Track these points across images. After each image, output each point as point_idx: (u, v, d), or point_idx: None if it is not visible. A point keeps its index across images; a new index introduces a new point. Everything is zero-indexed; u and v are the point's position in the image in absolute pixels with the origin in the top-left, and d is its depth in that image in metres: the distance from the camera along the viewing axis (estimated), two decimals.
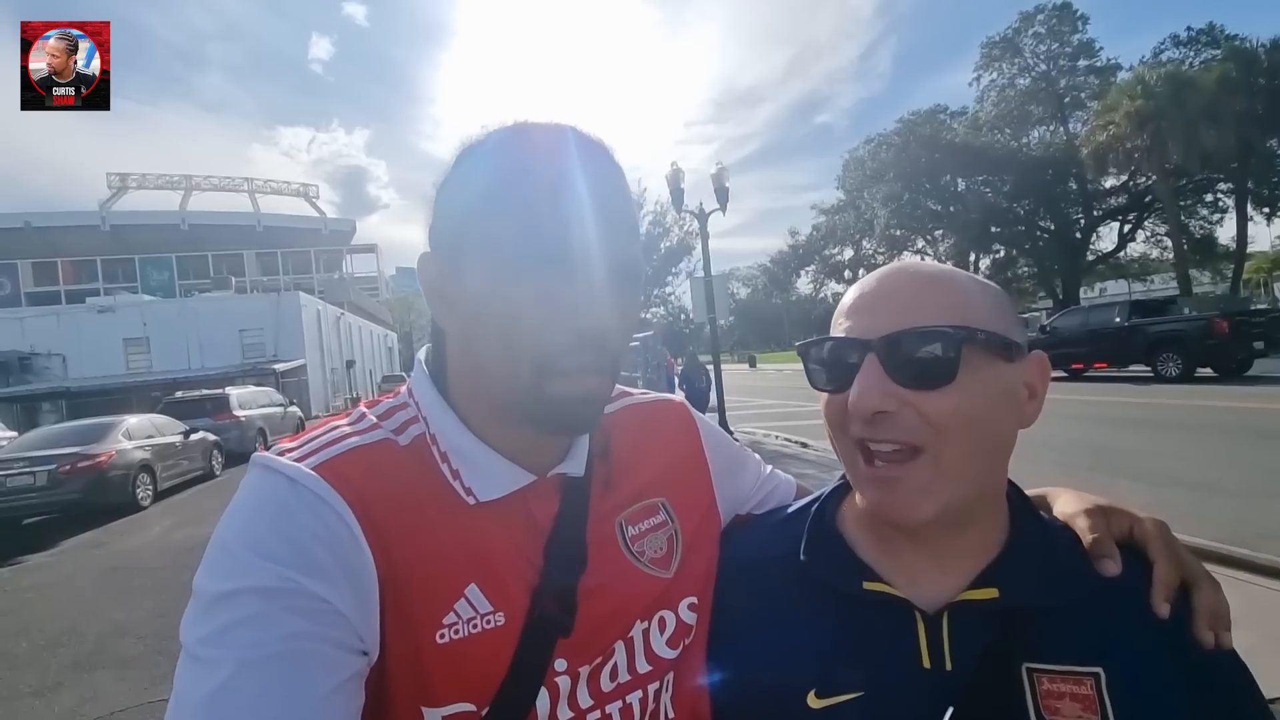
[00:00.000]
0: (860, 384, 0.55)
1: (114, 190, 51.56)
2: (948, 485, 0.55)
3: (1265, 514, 4.40)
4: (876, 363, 0.55)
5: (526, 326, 0.52)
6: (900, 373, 0.55)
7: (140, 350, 29.74)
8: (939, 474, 0.55)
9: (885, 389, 0.55)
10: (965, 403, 0.54)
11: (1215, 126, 22.14)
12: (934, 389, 0.54)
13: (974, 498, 0.58)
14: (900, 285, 0.59)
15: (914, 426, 0.54)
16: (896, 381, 0.55)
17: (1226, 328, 12.62)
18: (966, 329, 0.55)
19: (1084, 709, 0.53)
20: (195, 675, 0.45)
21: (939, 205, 35.87)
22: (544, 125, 0.56)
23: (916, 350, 0.55)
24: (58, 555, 7.32)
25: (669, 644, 0.64)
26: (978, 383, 0.55)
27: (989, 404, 0.55)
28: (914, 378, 0.54)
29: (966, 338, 0.55)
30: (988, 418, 0.55)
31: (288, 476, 0.52)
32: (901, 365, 0.55)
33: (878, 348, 0.56)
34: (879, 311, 0.58)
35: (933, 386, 0.54)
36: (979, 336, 0.55)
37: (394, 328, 59.02)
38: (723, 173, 11.28)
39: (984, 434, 0.55)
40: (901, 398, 0.55)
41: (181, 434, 11.37)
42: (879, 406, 0.54)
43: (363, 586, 0.50)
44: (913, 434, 0.54)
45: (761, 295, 80.00)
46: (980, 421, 0.55)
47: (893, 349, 0.55)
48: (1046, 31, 33.83)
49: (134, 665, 3.97)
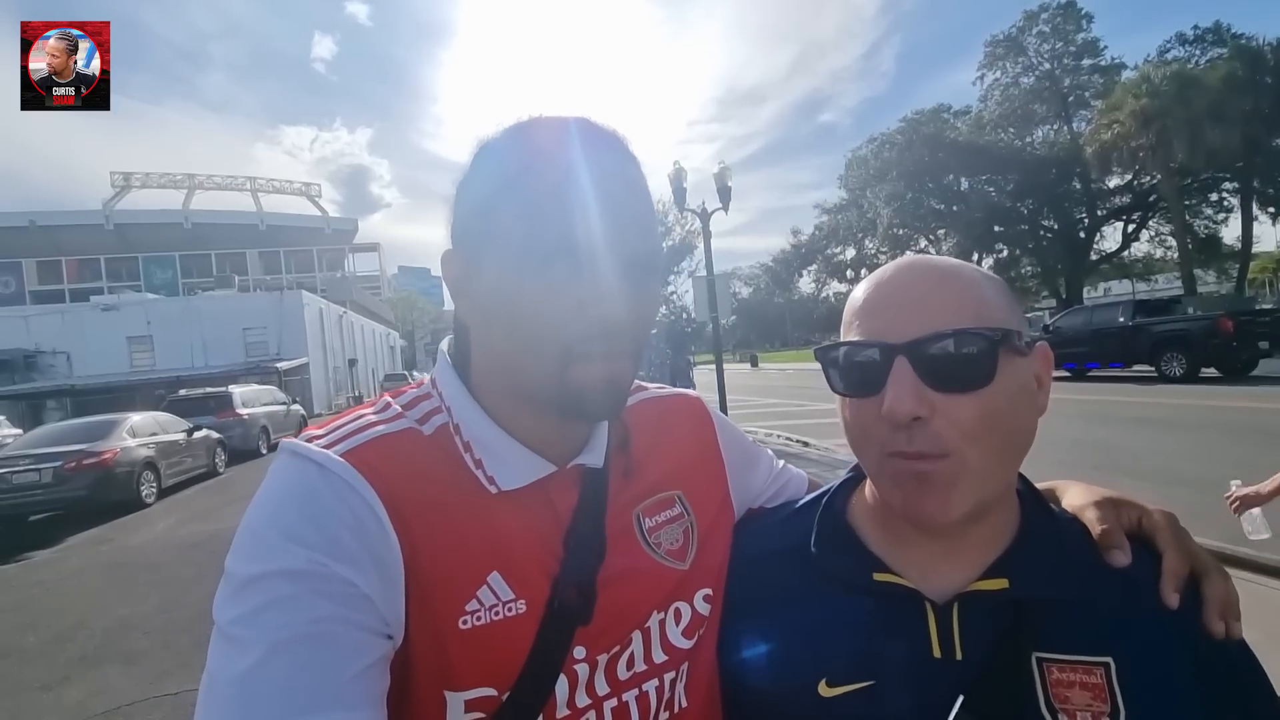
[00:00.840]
0: (894, 390, 0.54)
1: (117, 189, 51.64)
2: (976, 484, 0.55)
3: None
4: (908, 367, 0.54)
5: (550, 315, 0.53)
6: (934, 377, 0.54)
7: (144, 348, 29.79)
8: (968, 473, 0.54)
9: (920, 394, 0.53)
10: (999, 403, 0.54)
11: (1221, 125, 22.04)
12: (970, 392, 0.53)
13: (997, 493, 0.58)
14: (918, 284, 0.58)
15: (945, 430, 0.53)
16: (930, 386, 0.54)
17: (1231, 327, 12.56)
18: (1002, 330, 0.54)
19: (1094, 698, 0.53)
20: (228, 655, 0.46)
21: (942, 204, 35.79)
22: (560, 119, 0.57)
23: (952, 353, 0.54)
24: (63, 551, 7.36)
25: (684, 634, 0.65)
26: (1008, 381, 0.55)
27: (1014, 401, 0.55)
28: (949, 382, 0.54)
29: (1001, 340, 0.54)
30: (1014, 415, 0.55)
31: (317, 463, 0.53)
32: (934, 369, 0.54)
33: (907, 352, 0.54)
34: (902, 313, 0.56)
35: (969, 389, 0.53)
36: (1011, 337, 0.55)
37: (396, 326, 59.06)
38: (725, 172, 11.26)
39: (1012, 431, 0.56)
40: (935, 402, 0.54)
41: (185, 432, 11.37)
42: (915, 412, 0.53)
43: (388, 572, 0.51)
44: (943, 436, 0.54)
45: (764, 294, 79.93)
46: (1008, 419, 0.55)
47: (924, 353, 0.54)
48: (1051, 30, 33.70)
49: (140, 660, 3.99)
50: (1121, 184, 31.11)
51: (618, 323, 0.54)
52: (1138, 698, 0.53)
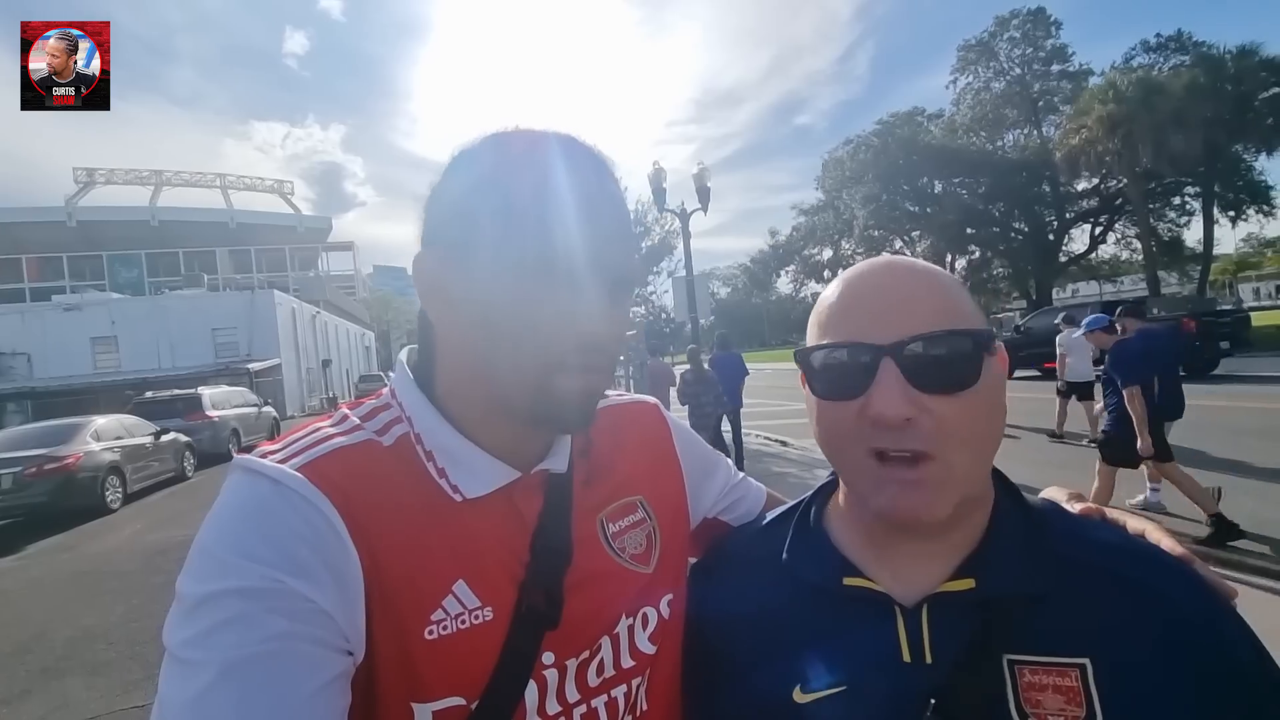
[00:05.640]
0: (882, 392, 0.53)
1: (81, 185, 50.19)
2: (960, 483, 0.55)
3: (1235, 510, 4.52)
4: (895, 368, 0.54)
5: (538, 329, 0.54)
6: (921, 378, 0.54)
7: (108, 349, 29.07)
8: (951, 473, 0.54)
9: (908, 396, 0.53)
10: (983, 403, 0.55)
11: (1183, 131, 22.61)
12: (957, 393, 0.54)
13: (976, 492, 0.58)
14: (900, 284, 0.57)
15: (931, 431, 0.53)
16: (917, 387, 0.54)
17: (1194, 328, 12.95)
18: (984, 332, 0.55)
19: (1067, 701, 0.51)
20: (179, 678, 0.45)
21: (917, 206, 36.25)
22: (548, 133, 0.58)
23: (939, 355, 0.54)
24: (24, 560, 7.13)
25: (651, 640, 0.66)
26: (990, 381, 0.56)
27: (994, 401, 0.56)
28: (937, 383, 0.54)
29: (986, 339, 0.55)
30: (994, 414, 0.56)
31: (271, 478, 0.51)
32: (921, 370, 0.54)
33: (894, 353, 0.54)
34: (884, 313, 0.56)
35: (956, 390, 0.54)
36: (988, 337, 0.55)
37: (371, 326, 58.30)
38: (704, 172, 11.32)
39: (992, 430, 0.56)
40: (922, 404, 0.53)
41: (152, 435, 11.14)
42: (906, 414, 0.53)
43: (348, 586, 0.50)
44: (931, 438, 0.53)
45: (742, 295, 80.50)
46: (990, 419, 0.56)
47: (911, 354, 0.54)
48: (1021, 36, 34.35)
49: (105, 671, 3.88)
50: (1089, 187, 31.80)
51: (600, 337, 0.56)
52: (1119, 702, 0.50)
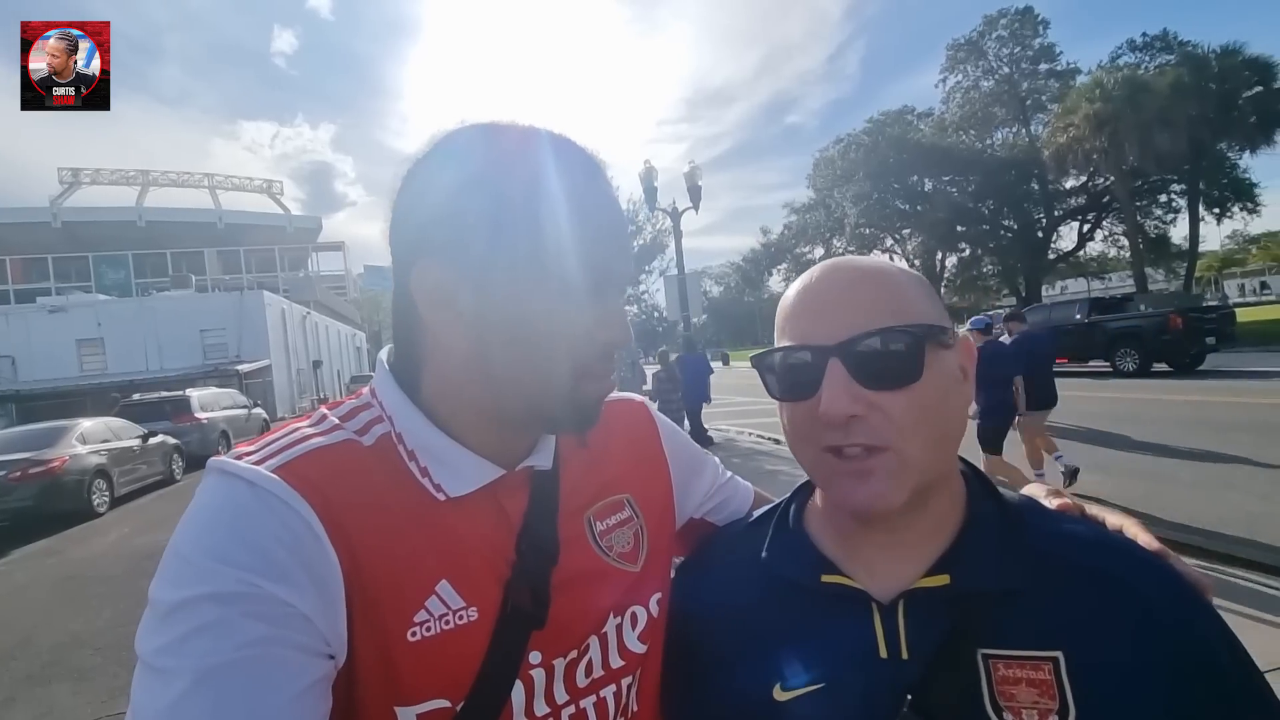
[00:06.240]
0: (828, 391, 0.55)
1: (66, 185, 49.54)
2: (913, 473, 0.56)
3: (1219, 503, 4.58)
4: (841, 368, 0.56)
5: (571, 342, 0.56)
6: (865, 376, 0.55)
7: (94, 351, 28.66)
8: (904, 464, 0.55)
9: (854, 394, 0.55)
10: (930, 396, 0.56)
11: (1169, 129, 22.81)
12: (900, 388, 0.55)
13: (933, 481, 0.59)
14: (840, 284, 0.60)
15: (881, 426, 0.55)
16: (862, 385, 0.55)
17: (1181, 323, 13.13)
18: (925, 327, 0.57)
19: (1041, 694, 0.51)
20: (152, 687, 0.44)
21: (907, 205, 36.40)
22: (548, 134, 0.57)
23: (880, 353, 0.56)
24: (8, 565, 7.05)
25: (640, 639, 0.66)
26: (937, 375, 0.57)
27: (944, 394, 0.57)
28: (880, 380, 0.55)
29: (926, 335, 0.56)
30: (943, 406, 0.57)
31: (246, 480, 0.50)
32: (866, 368, 0.55)
33: (839, 353, 0.56)
34: (829, 315, 0.58)
35: (900, 385, 0.55)
36: (935, 332, 0.57)
37: (362, 327, 57.94)
38: (696, 171, 11.33)
39: (942, 422, 0.57)
40: (869, 400, 0.55)
41: (139, 437, 11.04)
42: (850, 411, 0.55)
43: (328, 589, 0.49)
44: (880, 432, 0.55)
45: (734, 293, 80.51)
46: (938, 411, 0.57)
47: (855, 353, 0.56)
48: (1009, 35, 34.54)
49: (91, 677, 3.85)
50: (1077, 185, 32.04)
51: (622, 342, 0.59)
52: (1092, 694, 0.51)
